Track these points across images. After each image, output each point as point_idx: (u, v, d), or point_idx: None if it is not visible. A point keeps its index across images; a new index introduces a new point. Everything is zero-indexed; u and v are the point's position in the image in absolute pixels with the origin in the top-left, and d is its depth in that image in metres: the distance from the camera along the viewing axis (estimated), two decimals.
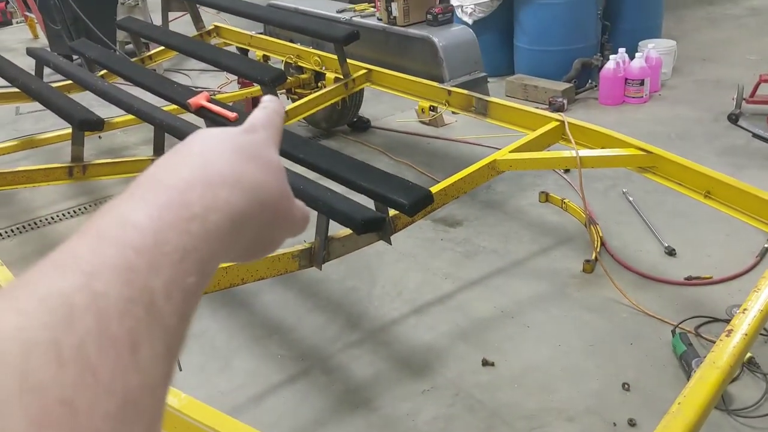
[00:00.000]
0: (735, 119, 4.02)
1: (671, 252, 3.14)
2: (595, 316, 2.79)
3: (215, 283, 2.23)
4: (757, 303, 1.74)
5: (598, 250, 3.16)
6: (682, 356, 2.45)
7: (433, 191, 2.52)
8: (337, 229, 2.43)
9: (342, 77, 3.92)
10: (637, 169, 2.76)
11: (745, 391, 2.34)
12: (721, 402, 2.25)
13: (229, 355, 2.75)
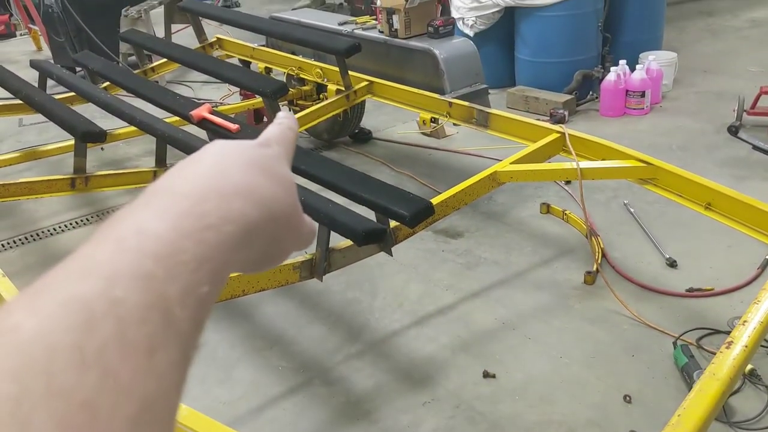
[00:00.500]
0: (735, 131, 4.03)
1: (672, 263, 3.14)
2: (597, 327, 2.79)
3: None
4: (757, 315, 1.73)
5: (599, 261, 3.16)
6: (683, 368, 2.44)
7: (434, 203, 2.52)
8: (338, 241, 2.43)
9: (343, 89, 3.94)
10: (637, 180, 2.76)
11: (746, 403, 2.33)
12: (723, 414, 2.25)
13: (230, 366, 2.75)
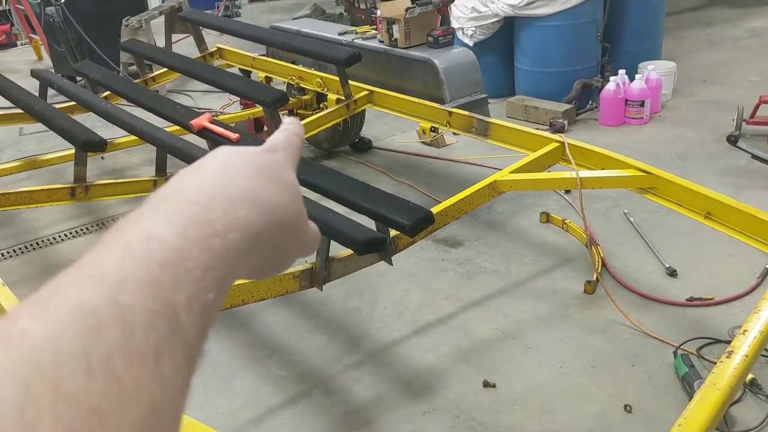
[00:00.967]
0: (734, 140, 4.03)
1: (672, 273, 3.14)
2: (597, 337, 2.79)
3: None
4: (758, 324, 1.73)
5: (599, 270, 3.15)
6: (684, 378, 2.44)
7: (434, 212, 2.53)
8: (338, 250, 2.43)
9: (344, 98, 3.95)
10: (637, 190, 2.76)
11: (747, 413, 2.33)
12: (723, 424, 2.24)
13: (230, 376, 2.74)
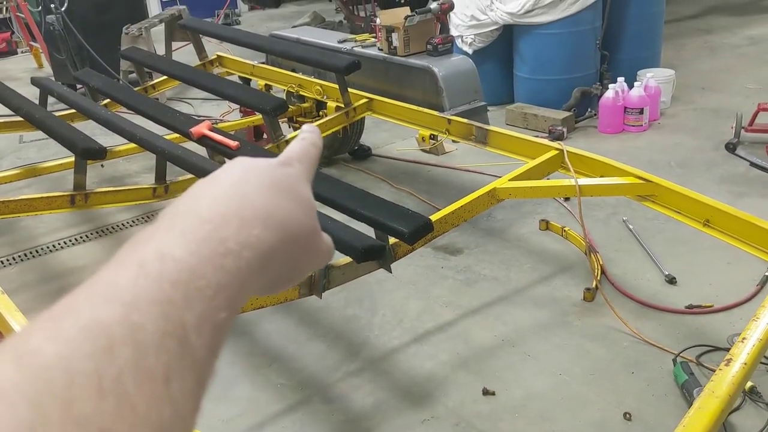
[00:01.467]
0: (732, 148, 4.04)
1: (672, 280, 3.14)
2: (596, 344, 2.78)
3: None
4: (756, 332, 1.73)
5: (599, 278, 3.15)
6: (683, 385, 2.43)
7: (434, 219, 2.53)
8: (338, 257, 2.43)
9: (343, 106, 3.95)
10: (636, 197, 2.76)
11: (747, 421, 2.32)
12: (723, 431, 2.24)
13: (229, 384, 2.74)
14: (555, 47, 5.28)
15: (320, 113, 4.46)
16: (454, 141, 3.78)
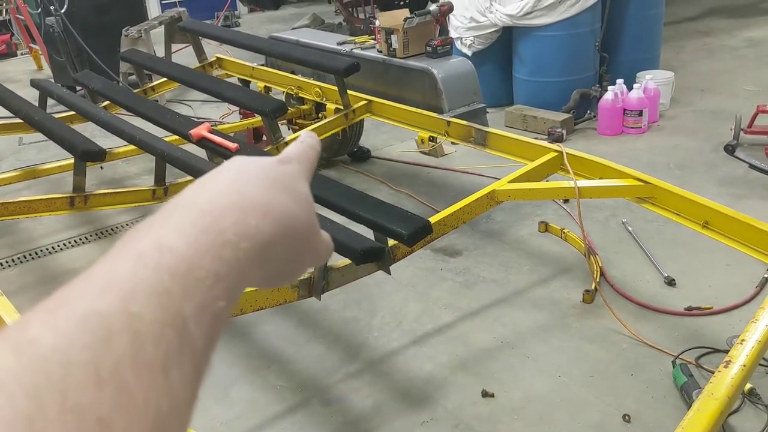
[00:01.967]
0: (731, 150, 4.04)
1: (671, 282, 3.14)
2: (595, 346, 2.78)
3: None
4: (755, 334, 1.73)
5: (598, 280, 3.15)
6: (682, 387, 2.43)
7: (432, 221, 2.53)
8: (337, 259, 2.44)
9: (342, 108, 3.96)
10: (635, 199, 2.76)
11: (746, 423, 2.32)
12: None
13: (228, 386, 2.74)
14: (554, 49, 5.28)
15: (319, 115, 4.47)
16: (453, 143, 3.78)
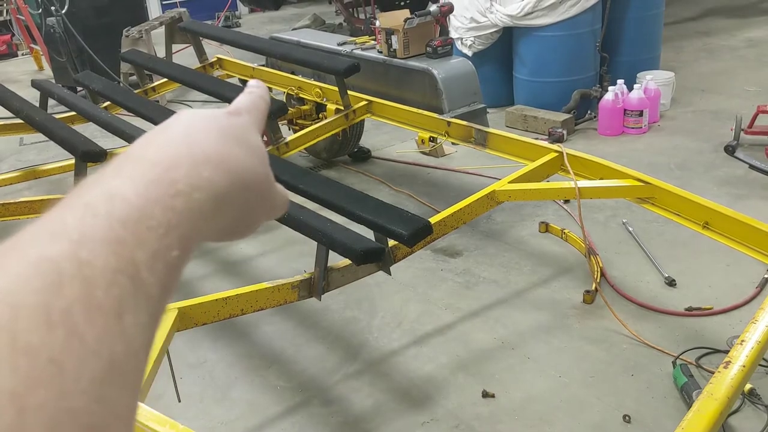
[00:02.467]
0: (732, 151, 4.04)
1: (671, 282, 3.14)
2: (596, 347, 2.78)
3: (215, 314, 2.23)
4: (755, 334, 1.73)
5: (598, 280, 3.15)
6: (683, 388, 2.43)
7: (433, 222, 2.53)
8: (337, 260, 2.44)
9: (343, 108, 3.96)
10: (635, 200, 2.77)
11: (745, 423, 2.32)
12: None
13: (228, 386, 2.74)
14: (554, 49, 5.28)
15: (320, 115, 4.48)
16: (453, 143, 3.79)
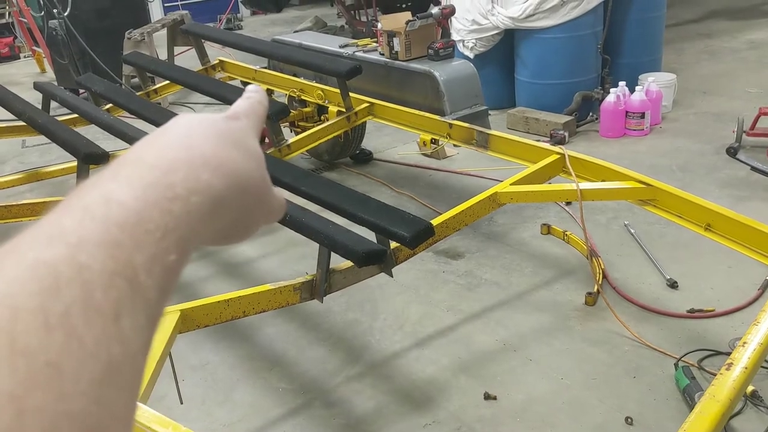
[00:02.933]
0: (733, 152, 4.04)
1: (673, 284, 3.14)
2: (598, 349, 2.78)
3: (217, 316, 2.23)
4: (757, 336, 1.73)
5: (600, 282, 3.15)
6: (685, 390, 2.43)
7: (434, 224, 2.53)
8: (339, 262, 2.44)
9: (344, 110, 3.96)
10: (637, 201, 2.76)
11: (748, 425, 2.32)
12: None
13: (230, 388, 2.74)
14: (556, 51, 5.28)
15: (322, 117, 4.48)
16: (455, 145, 3.78)
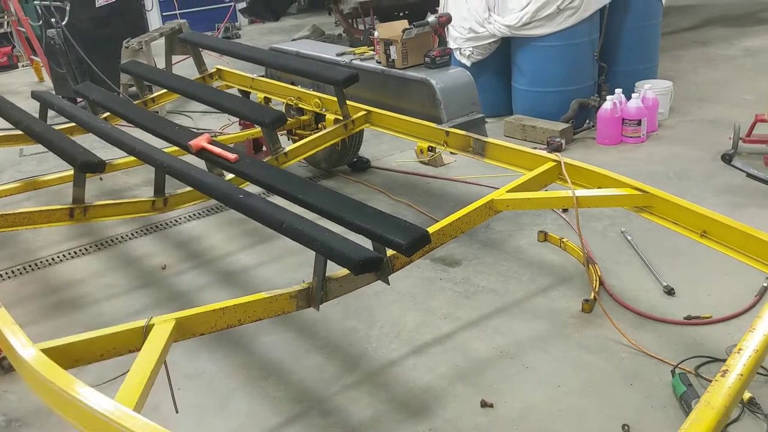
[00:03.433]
0: (729, 159, 4.04)
1: (670, 291, 3.14)
2: (595, 356, 2.78)
3: (212, 325, 2.22)
4: (753, 343, 1.73)
5: (597, 289, 3.15)
6: (682, 397, 2.43)
7: (431, 231, 2.53)
8: (335, 269, 2.44)
9: (342, 118, 3.97)
10: (633, 208, 2.77)
11: None
12: None
13: (227, 397, 2.73)
14: (553, 59, 5.30)
15: (319, 126, 4.49)
16: (452, 153, 3.79)
